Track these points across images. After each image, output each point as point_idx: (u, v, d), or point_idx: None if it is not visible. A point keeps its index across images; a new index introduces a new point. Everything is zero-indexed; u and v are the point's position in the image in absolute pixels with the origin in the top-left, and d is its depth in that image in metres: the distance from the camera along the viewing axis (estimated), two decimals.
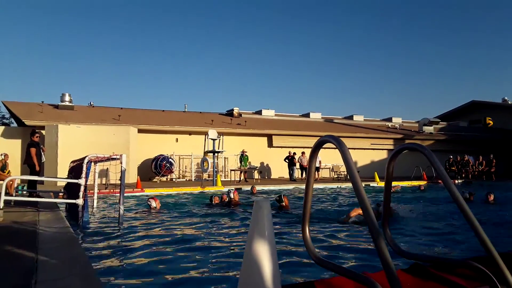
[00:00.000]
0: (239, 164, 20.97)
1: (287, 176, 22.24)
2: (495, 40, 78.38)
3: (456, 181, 21.03)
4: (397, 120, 32.35)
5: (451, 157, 25.17)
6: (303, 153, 22.15)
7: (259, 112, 28.12)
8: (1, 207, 6.26)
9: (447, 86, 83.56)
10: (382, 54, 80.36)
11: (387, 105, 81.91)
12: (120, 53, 70.71)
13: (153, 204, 8.51)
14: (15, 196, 9.49)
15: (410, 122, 33.44)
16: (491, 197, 10.50)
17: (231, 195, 10.15)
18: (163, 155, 20.31)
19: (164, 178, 20.59)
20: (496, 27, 76.04)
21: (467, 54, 79.50)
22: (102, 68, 69.80)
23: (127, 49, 70.92)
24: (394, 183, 16.58)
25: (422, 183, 18.36)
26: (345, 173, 21.75)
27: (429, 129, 30.54)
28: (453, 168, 24.70)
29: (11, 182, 10.21)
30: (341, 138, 1.97)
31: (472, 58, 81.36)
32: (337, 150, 1.93)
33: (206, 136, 17.40)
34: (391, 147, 27.56)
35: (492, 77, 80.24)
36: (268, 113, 28.06)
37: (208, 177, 19.29)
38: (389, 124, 31.31)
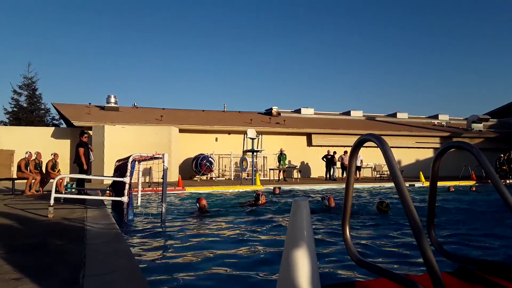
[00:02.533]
0: (278, 163, 20.96)
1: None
2: None
3: (507, 181, 19.99)
4: (444, 117, 30.94)
5: (502, 155, 23.87)
6: (345, 152, 21.76)
7: (298, 111, 27.88)
8: (51, 204, 6.59)
9: (498, 80, 79.11)
10: (427, 49, 77.44)
11: (433, 102, 78.30)
12: (162, 55, 72.59)
13: (200, 204, 8.61)
14: (64, 193, 9.98)
15: (458, 119, 31.90)
16: None
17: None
18: (203, 154, 20.67)
19: (204, 177, 20.94)
20: None
21: None
22: (145, 70, 71.98)
23: (168, 50, 72.73)
24: (446, 184, 16.01)
25: (473, 183, 17.55)
26: (388, 172, 21.20)
27: (478, 126, 29.13)
28: (504, 167, 23.39)
29: (60, 181, 10.78)
30: (384, 137, 1.91)
31: None
32: (379, 148, 1.87)
33: (245, 135, 17.51)
34: (438, 145, 26.51)
35: None
36: (307, 112, 27.76)
37: (247, 176, 19.44)
38: (435, 121, 30.02)
